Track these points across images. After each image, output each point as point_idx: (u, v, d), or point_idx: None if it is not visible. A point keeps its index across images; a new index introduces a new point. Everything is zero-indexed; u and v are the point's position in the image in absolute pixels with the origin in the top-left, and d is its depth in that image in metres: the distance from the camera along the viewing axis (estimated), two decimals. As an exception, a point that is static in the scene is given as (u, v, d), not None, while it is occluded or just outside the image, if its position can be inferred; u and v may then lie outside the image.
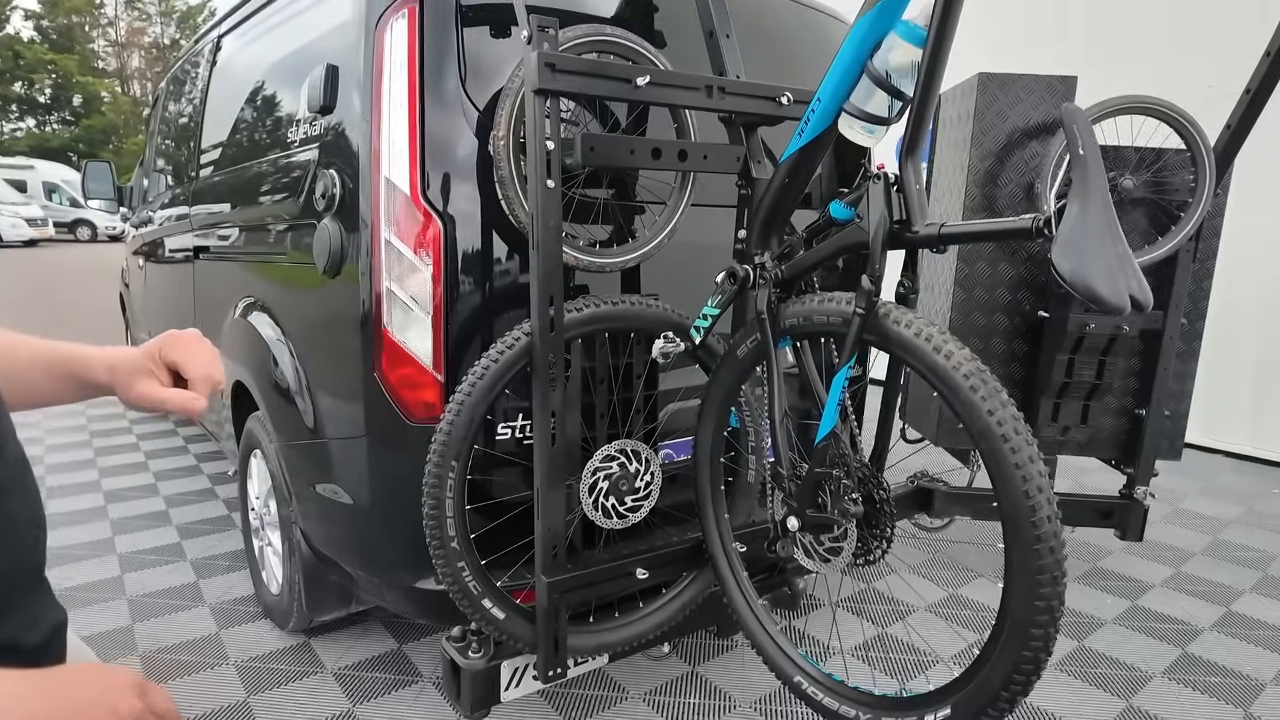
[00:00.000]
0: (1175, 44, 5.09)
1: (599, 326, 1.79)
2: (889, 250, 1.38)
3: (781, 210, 1.63)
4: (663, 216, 2.05)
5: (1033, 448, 1.22)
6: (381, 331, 1.95)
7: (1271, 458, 4.91)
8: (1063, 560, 1.20)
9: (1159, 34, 5.22)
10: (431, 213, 1.89)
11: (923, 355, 1.31)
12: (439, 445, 1.64)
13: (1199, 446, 5.07)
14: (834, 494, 1.47)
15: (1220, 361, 4.64)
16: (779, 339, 1.60)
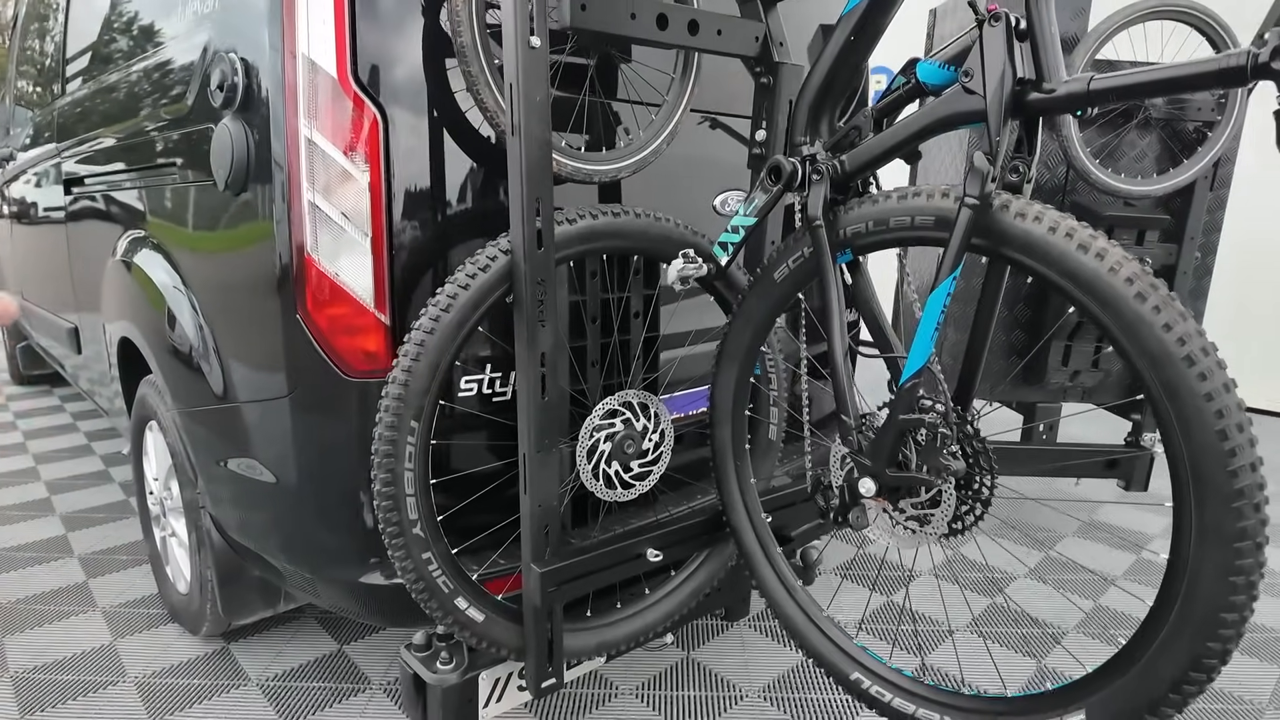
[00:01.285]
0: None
1: (596, 246, 1.39)
2: (1011, 120, 1.02)
3: (839, 84, 1.26)
4: (661, 115, 1.65)
5: (1225, 372, 0.90)
6: (305, 261, 1.50)
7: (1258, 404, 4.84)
8: (1268, 520, 0.89)
9: None
10: (366, 101, 1.44)
11: (1062, 257, 0.98)
12: (393, 401, 1.23)
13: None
14: (924, 448, 1.13)
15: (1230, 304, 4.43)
16: (837, 253, 1.24)
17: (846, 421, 1.20)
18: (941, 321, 1.09)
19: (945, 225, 1.09)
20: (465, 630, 1.35)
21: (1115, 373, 2.88)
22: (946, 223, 1.08)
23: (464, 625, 1.34)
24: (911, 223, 1.13)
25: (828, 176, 1.22)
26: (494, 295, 1.28)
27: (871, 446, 1.17)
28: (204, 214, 1.82)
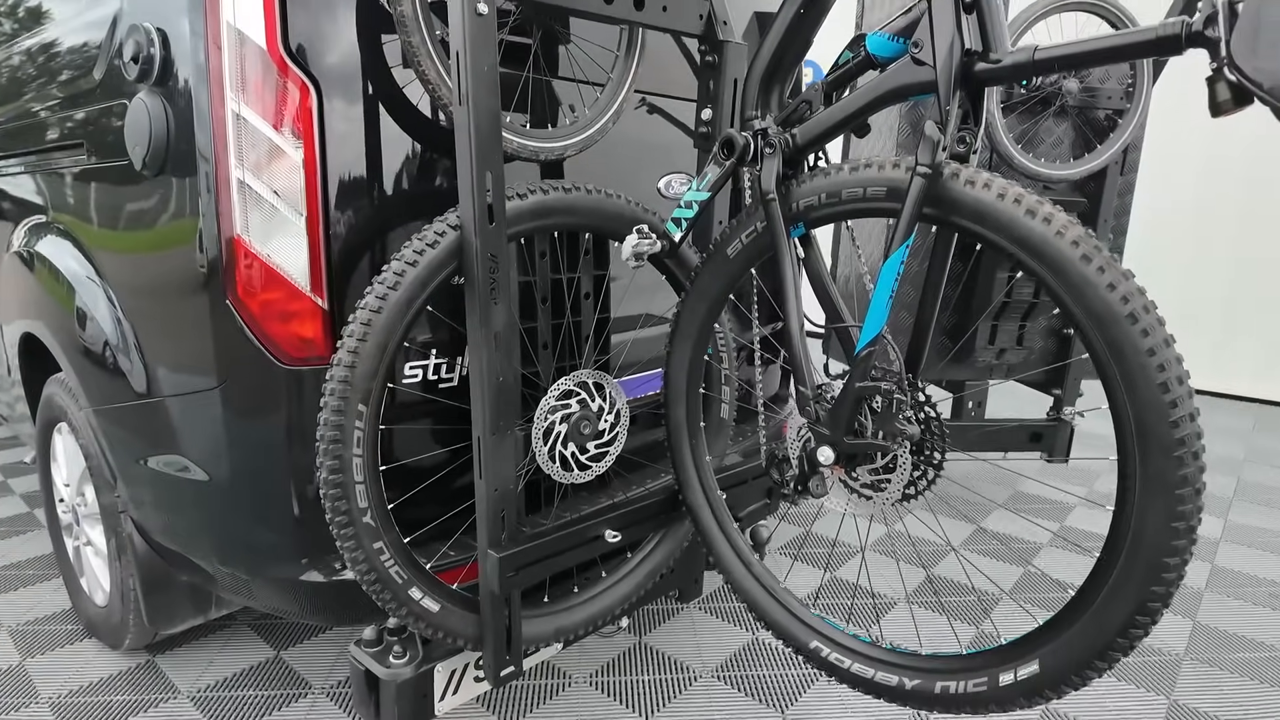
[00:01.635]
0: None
1: (548, 222, 1.36)
2: (959, 91, 1.05)
3: (789, 57, 1.27)
4: (606, 93, 1.62)
5: (1164, 329, 0.95)
6: (235, 243, 1.42)
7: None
8: (1205, 467, 0.94)
9: None
10: (299, 73, 1.37)
11: (1011, 222, 1.01)
12: (338, 385, 1.17)
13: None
14: (880, 414, 1.15)
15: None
16: (790, 227, 1.25)
17: (804, 392, 1.21)
18: (895, 289, 1.11)
19: (897, 196, 1.11)
20: (420, 622, 1.30)
21: (1038, 350, 3.02)
22: (898, 193, 1.10)
23: (419, 616, 1.30)
24: (864, 194, 1.15)
25: (780, 150, 1.23)
26: (443, 272, 1.24)
27: (829, 415, 1.19)
28: (119, 196, 1.70)
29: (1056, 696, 1.08)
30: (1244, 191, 4.84)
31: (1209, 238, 4.97)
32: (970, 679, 1.15)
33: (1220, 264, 4.95)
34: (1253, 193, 4.82)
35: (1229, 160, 4.82)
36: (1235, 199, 4.87)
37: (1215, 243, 4.97)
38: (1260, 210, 4.78)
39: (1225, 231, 4.94)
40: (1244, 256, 4.88)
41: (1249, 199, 4.84)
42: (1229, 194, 4.88)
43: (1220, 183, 4.89)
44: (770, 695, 1.97)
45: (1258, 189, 4.80)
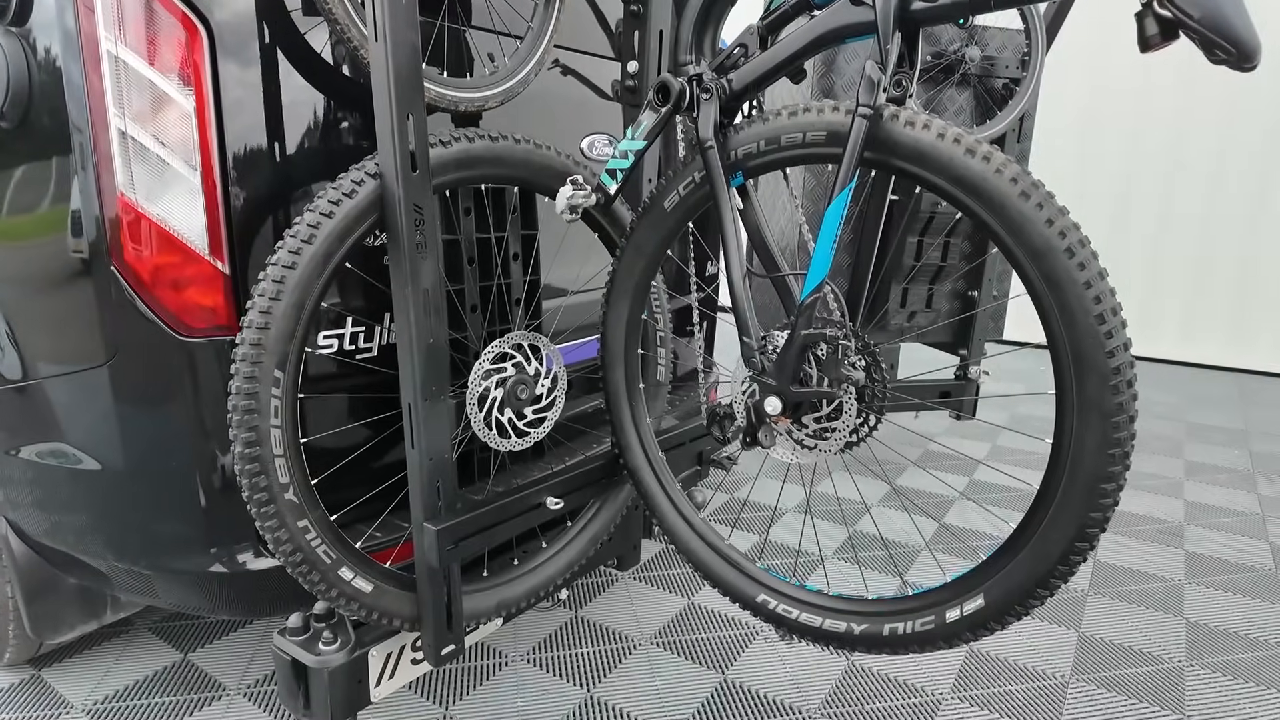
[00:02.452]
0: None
1: (474, 174, 1.28)
2: (897, 32, 1.04)
3: (721, 3, 1.23)
4: (526, 41, 1.55)
5: (1099, 262, 0.97)
6: (118, 200, 1.28)
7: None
8: (1138, 395, 0.98)
9: None
10: (187, 11, 1.24)
11: (950, 162, 1.01)
12: (250, 349, 1.06)
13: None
14: (826, 361, 1.14)
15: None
16: (729, 176, 1.22)
17: (748, 343, 1.19)
18: (839, 235, 1.10)
19: (837, 140, 1.10)
20: (352, 604, 1.22)
21: (945, 313, 3.14)
22: (838, 137, 1.09)
23: (351, 598, 1.21)
24: (803, 139, 1.13)
25: (717, 96, 1.20)
26: (362, 225, 1.14)
27: (775, 365, 1.17)
28: (-29, 153, 1.49)
29: (1001, 628, 1.10)
30: (1122, 158, 5.19)
31: (1092, 198, 5.32)
32: (918, 618, 1.17)
33: (1100, 226, 5.32)
34: (1130, 164, 5.18)
35: (1104, 130, 5.16)
36: (1115, 162, 5.21)
37: (1098, 203, 5.32)
38: (1142, 171, 5.13)
39: (1109, 188, 5.28)
40: (1124, 218, 5.24)
41: (1128, 163, 5.19)
42: (1110, 151, 5.22)
43: (1100, 145, 5.23)
44: (710, 658, 1.98)
45: (1133, 163, 5.15)
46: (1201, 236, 5.04)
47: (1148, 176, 5.10)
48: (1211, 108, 4.85)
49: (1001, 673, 1.93)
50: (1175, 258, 5.13)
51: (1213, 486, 3.16)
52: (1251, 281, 4.91)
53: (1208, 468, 3.37)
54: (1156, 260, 5.22)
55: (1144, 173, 5.10)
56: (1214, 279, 5.03)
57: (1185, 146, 4.96)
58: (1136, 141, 5.05)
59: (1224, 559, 2.55)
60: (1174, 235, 5.09)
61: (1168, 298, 5.17)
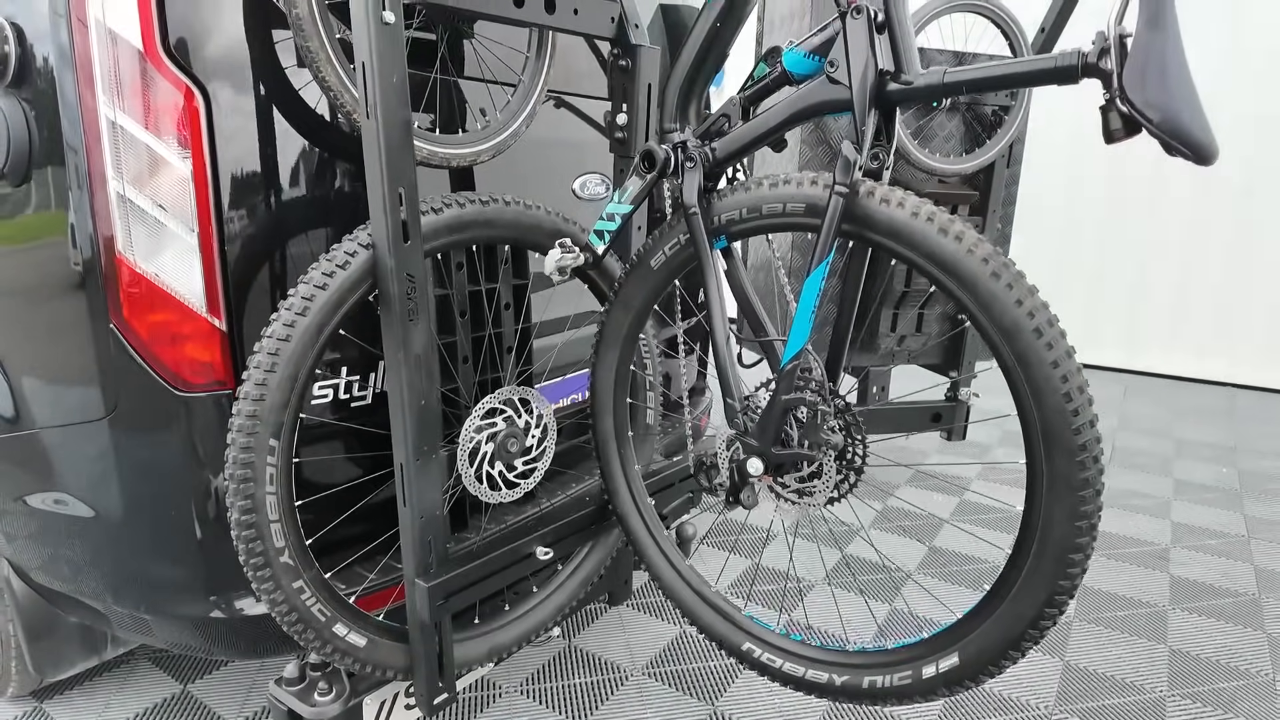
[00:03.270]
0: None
1: (465, 236, 1.31)
2: (875, 109, 1.07)
3: (706, 70, 1.26)
4: (517, 95, 1.58)
5: (1066, 340, 1.01)
6: (116, 262, 1.31)
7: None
8: (1104, 469, 1.01)
9: None
10: (182, 77, 1.27)
11: (925, 241, 1.04)
12: (246, 420, 1.10)
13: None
14: (806, 425, 1.18)
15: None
16: (713, 240, 1.25)
17: (731, 404, 1.23)
18: (818, 305, 1.13)
19: (815, 212, 1.13)
20: (347, 657, 1.25)
21: (935, 335, 3.18)
22: (816, 209, 1.12)
23: (345, 653, 1.24)
24: (783, 209, 1.17)
25: (700, 164, 1.23)
26: (356, 294, 1.17)
27: (757, 427, 1.20)
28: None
29: (975, 685, 1.14)
30: (1107, 182, 5.22)
31: (1078, 220, 5.35)
32: (895, 673, 1.20)
33: (1088, 246, 5.35)
34: (1112, 189, 5.21)
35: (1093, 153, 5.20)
36: (1101, 186, 5.25)
37: (1084, 225, 5.35)
38: (1126, 193, 5.17)
39: (1093, 214, 5.32)
40: (1109, 238, 5.28)
41: (1112, 187, 5.22)
42: (1096, 176, 5.25)
43: (1087, 168, 5.26)
44: (700, 689, 2.01)
45: (1117, 186, 5.19)
46: (1186, 249, 5.07)
47: (1133, 190, 5.13)
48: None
49: (987, 704, 1.97)
50: (1161, 269, 5.16)
51: (1200, 506, 3.20)
52: (1239, 294, 4.95)
53: (1196, 486, 3.41)
54: (1142, 272, 5.26)
55: (1129, 186, 5.13)
56: (1200, 292, 5.06)
57: (1169, 161, 5.00)
58: (1123, 156, 5.09)
59: (1208, 583, 2.59)
60: (1159, 247, 5.12)
61: (1154, 310, 5.21)
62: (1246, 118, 4.74)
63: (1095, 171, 5.22)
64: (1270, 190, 4.76)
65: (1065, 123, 5.11)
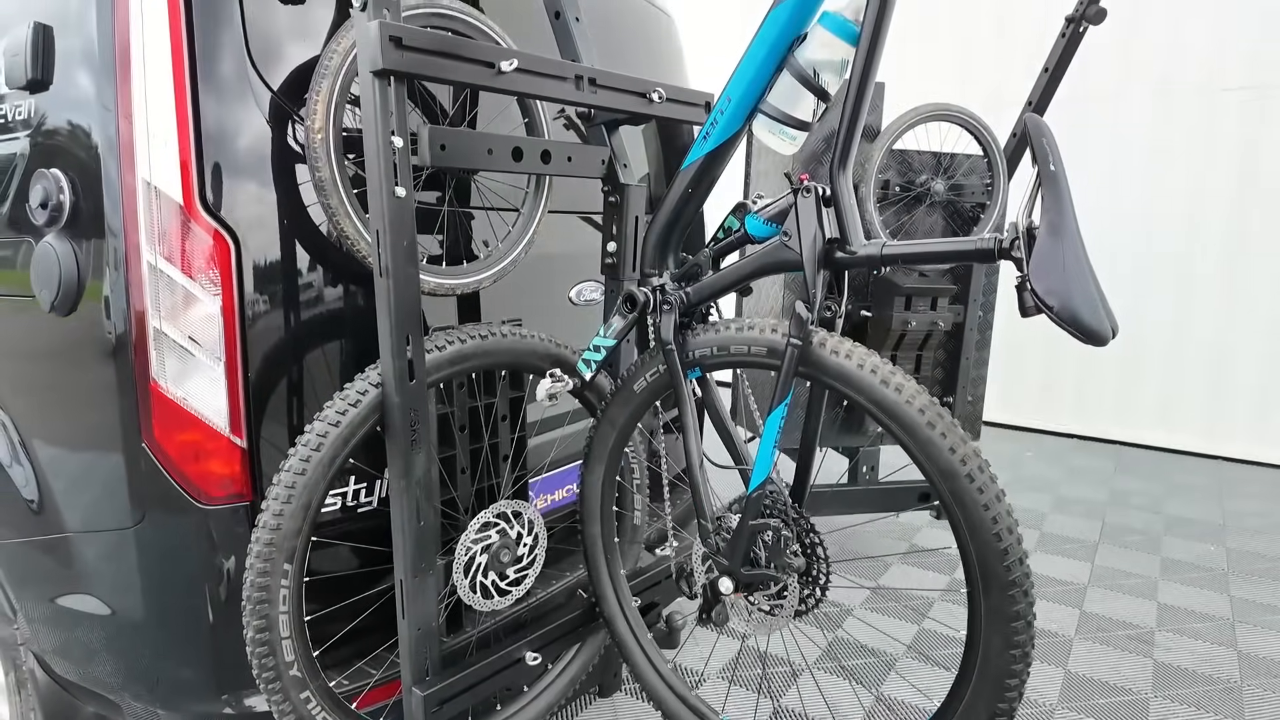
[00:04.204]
0: (964, 56, 5.60)
1: (466, 367, 1.46)
2: (823, 271, 1.22)
3: (681, 224, 1.42)
4: (518, 225, 1.74)
5: (998, 485, 1.13)
6: (150, 387, 1.45)
7: (1018, 423, 5.67)
8: (1035, 601, 1.12)
9: (950, 48, 5.68)
10: (217, 227, 1.43)
11: (869, 389, 1.17)
12: (264, 547, 1.22)
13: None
14: (771, 547, 1.29)
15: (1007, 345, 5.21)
16: (688, 371, 1.39)
17: (705, 525, 1.34)
18: (779, 439, 1.25)
19: (775, 354, 1.27)
20: (347, 761, 1.35)
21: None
22: (777, 353, 1.26)
23: (345, 756, 1.34)
24: (748, 351, 1.30)
25: (676, 307, 1.37)
26: (365, 427, 1.31)
27: (727, 547, 1.32)
28: (23, 333, 1.68)
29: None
30: (1097, 243, 5.39)
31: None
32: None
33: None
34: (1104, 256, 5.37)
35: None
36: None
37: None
38: (1116, 269, 5.31)
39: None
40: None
41: (1098, 263, 5.38)
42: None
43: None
44: (688, 778, 2.07)
45: (1106, 261, 5.35)
46: (1175, 323, 5.19)
47: (1121, 263, 5.27)
48: (1179, 199, 5.06)
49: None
50: (1151, 342, 5.27)
51: (1186, 587, 3.25)
52: (1228, 367, 5.05)
53: (1184, 565, 3.46)
54: (1132, 344, 5.35)
55: (1117, 259, 5.28)
56: (1189, 364, 5.17)
57: (1154, 234, 5.15)
58: (1111, 226, 5.25)
59: (1192, 669, 2.63)
60: (1148, 322, 5.24)
61: (1145, 381, 5.30)
62: (1225, 198, 4.91)
63: (1086, 227, 5.38)
64: (1254, 265, 4.90)
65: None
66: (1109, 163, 5.15)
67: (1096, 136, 5.15)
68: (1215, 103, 4.86)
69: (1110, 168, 5.16)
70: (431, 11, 1.48)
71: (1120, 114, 5.13)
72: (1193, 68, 4.92)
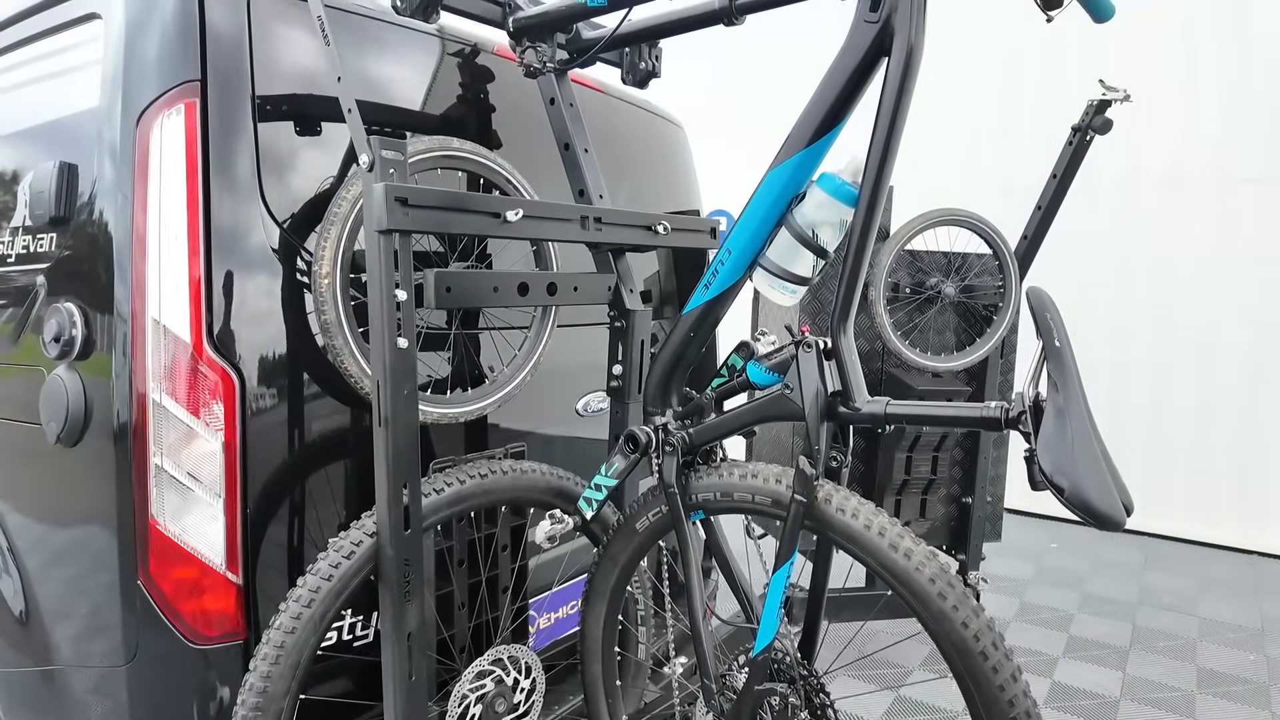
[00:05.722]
0: (974, 147, 5.65)
1: (465, 508, 1.43)
2: (825, 424, 1.19)
3: (684, 364, 1.41)
4: (524, 348, 1.74)
5: (1013, 662, 1.07)
6: (149, 524, 1.44)
7: (1046, 512, 5.48)
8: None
9: (960, 147, 5.74)
10: (224, 366, 1.44)
11: (877, 553, 1.13)
12: (250, 711, 1.18)
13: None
14: (778, 713, 1.23)
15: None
16: (690, 514, 1.36)
17: (709, 685, 1.29)
18: (785, 599, 1.21)
19: (780, 505, 1.23)
20: None
21: (941, 517, 3.21)
22: (781, 504, 1.23)
23: None
24: (752, 499, 1.27)
25: (679, 449, 1.35)
26: (358, 578, 1.28)
27: (732, 710, 1.26)
28: (26, 461, 1.69)
29: None
30: (1110, 344, 5.32)
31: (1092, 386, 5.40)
32: None
33: (1099, 410, 5.37)
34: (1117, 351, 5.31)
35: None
36: (1105, 349, 5.34)
37: (1095, 393, 5.39)
38: (1130, 357, 5.23)
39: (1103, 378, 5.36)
40: (1119, 403, 5.28)
41: (1116, 349, 5.31)
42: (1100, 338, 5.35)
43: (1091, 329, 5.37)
44: None
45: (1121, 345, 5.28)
46: (1199, 407, 5.07)
47: (1141, 350, 5.19)
48: (1193, 288, 5.01)
49: None
50: (1175, 431, 5.14)
51: (1224, 701, 3.08)
52: (1258, 457, 4.91)
53: (1221, 676, 3.29)
54: (1157, 432, 5.23)
55: (1137, 346, 5.20)
56: (1217, 453, 5.03)
57: (1173, 323, 5.09)
58: (1125, 320, 5.19)
59: (1235, 802, 2.47)
60: (1173, 408, 5.13)
61: (1173, 470, 5.15)
62: (1244, 285, 4.86)
63: (1098, 333, 5.32)
64: (1279, 352, 4.81)
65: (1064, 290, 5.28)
66: (1124, 252, 5.14)
67: (1110, 227, 5.15)
68: (1231, 195, 4.86)
69: (1125, 257, 5.14)
70: (442, 154, 1.52)
71: (1132, 205, 5.13)
72: (1206, 159, 4.94)
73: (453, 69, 1.81)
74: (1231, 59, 4.79)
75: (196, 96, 1.42)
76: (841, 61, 1.13)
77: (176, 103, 1.43)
